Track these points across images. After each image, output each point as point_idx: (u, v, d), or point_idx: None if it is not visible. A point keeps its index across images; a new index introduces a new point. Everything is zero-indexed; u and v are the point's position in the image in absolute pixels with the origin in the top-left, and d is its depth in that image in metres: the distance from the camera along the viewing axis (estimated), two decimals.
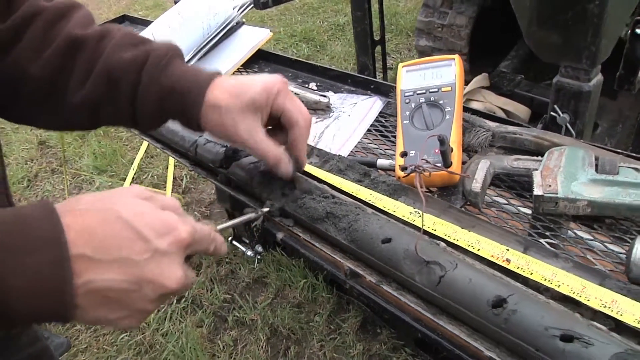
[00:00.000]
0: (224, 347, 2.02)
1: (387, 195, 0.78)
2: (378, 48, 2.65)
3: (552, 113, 1.03)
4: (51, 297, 0.45)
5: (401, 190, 0.79)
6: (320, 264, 2.12)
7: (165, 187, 2.84)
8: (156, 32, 1.28)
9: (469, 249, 0.65)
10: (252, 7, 1.55)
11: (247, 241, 2.33)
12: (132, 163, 3.12)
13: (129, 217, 0.50)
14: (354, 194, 0.79)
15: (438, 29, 2.95)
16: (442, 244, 0.66)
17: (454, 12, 2.88)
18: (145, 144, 3.29)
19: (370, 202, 0.77)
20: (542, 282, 0.60)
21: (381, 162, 0.93)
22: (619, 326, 0.57)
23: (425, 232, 0.68)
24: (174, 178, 2.97)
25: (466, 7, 2.83)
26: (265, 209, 0.79)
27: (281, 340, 2.03)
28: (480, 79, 2.68)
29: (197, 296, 2.25)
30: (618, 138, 2.24)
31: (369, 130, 1.06)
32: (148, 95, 0.69)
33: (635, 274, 0.62)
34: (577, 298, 0.58)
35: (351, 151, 1.01)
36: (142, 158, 3.18)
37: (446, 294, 0.58)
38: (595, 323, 0.54)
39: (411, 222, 0.71)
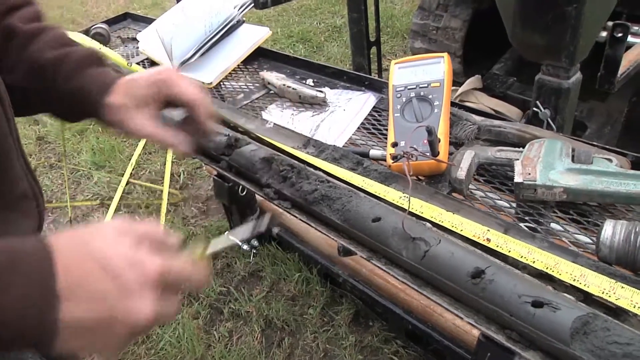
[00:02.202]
0: (219, 337, 2.06)
1: (378, 182, 0.83)
2: (374, 50, 2.70)
3: (534, 109, 1.10)
4: (36, 327, 0.48)
5: (391, 177, 0.85)
6: (314, 257, 2.17)
7: (162, 182, 2.89)
8: (160, 29, 1.33)
9: (453, 229, 0.71)
10: (251, 7, 1.60)
11: None
12: (130, 159, 3.17)
13: (101, 256, 0.52)
14: (347, 180, 0.85)
15: (433, 31, 3.00)
16: (428, 224, 0.71)
17: (449, 15, 2.94)
18: (143, 140, 3.34)
19: (362, 188, 0.82)
20: (520, 259, 0.66)
21: (373, 152, 0.99)
22: (587, 298, 0.62)
23: (413, 214, 0.74)
24: (172, 174, 3.01)
25: (460, 11, 2.89)
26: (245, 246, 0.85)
27: (275, 331, 2.07)
28: (473, 81, 2.75)
29: (193, 289, 2.30)
30: (606, 139, 2.30)
31: (362, 123, 1.11)
32: (60, 95, 0.78)
33: (604, 253, 0.67)
34: (550, 272, 0.63)
35: (345, 142, 1.06)
36: (140, 154, 3.23)
37: (430, 267, 0.64)
38: (564, 294, 0.60)
39: (400, 205, 0.77)
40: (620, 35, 1.08)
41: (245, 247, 2.38)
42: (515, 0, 1.02)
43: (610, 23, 1.14)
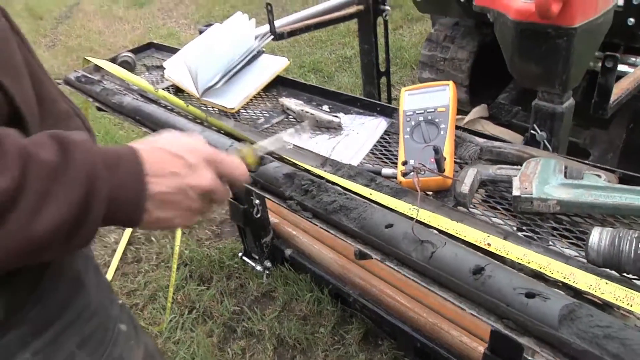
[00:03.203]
0: (233, 355, 2.13)
1: (390, 196, 0.92)
2: (383, 80, 2.82)
3: (531, 131, 1.19)
4: (130, 201, 0.65)
5: (402, 192, 0.94)
6: (325, 278, 2.24)
7: None
8: (187, 57, 1.44)
9: (457, 235, 0.80)
10: (270, 38, 1.72)
11: (257, 257, 2.47)
12: None
13: (168, 147, 0.70)
14: (361, 194, 0.94)
15: (440, 62, 3.11)
16: (435, 231, 0.80)
17: (456, 47, 3.05)
18: None
19: (375, 200, 0.91)
20: (516, 260, 0.74)
21: (385, 170, 1.08)
22: (577, 294, 0.71)
23: (421, 223, 0.83)
24: None
25: (467, 43, 3.01)
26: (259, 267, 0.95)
27: (287, 350, 2.14)
28: (479, 110, 2.84)
29: (207, 308, 2.37)
30: (608, 166, 2.38)
31: (375, 145, 1.21)
32: None
33: (592, 257, 0.76)
34: (543, 272, 0.72)
35: (359, 163, 1.16)
36: None
37: (436, 266, 0.72)
38: (554, 289, 0.68)
39: (410, 215, 0.86)
40: (610, 65, 1.18)
41: (258, 268, 2.46)
42: (513, 33, 1.14)
43: (601, 54, 1.24)
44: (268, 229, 2.36)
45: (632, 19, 1.94)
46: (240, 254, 2.56)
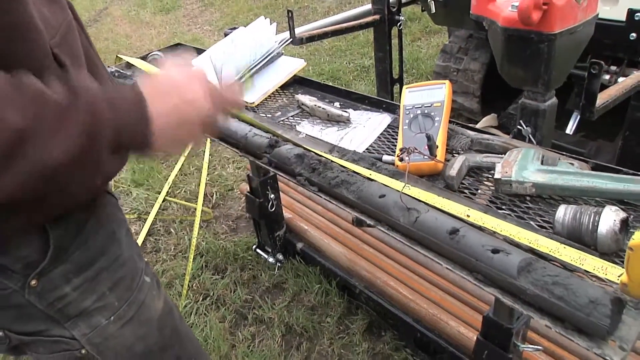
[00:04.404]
0: (243, 339, 2.25)
1: (387, 177, 1.05)
2: (397, 88, 2.94)
3: (518, 127, 1.31)
4: (137, 124, 0.75)
5: (399, 174, 1.06)
6: (334, 271, 2.36)
7: (196, 201, 3.14)
8: (213, 56, 1.59)
9: (442, 208, 0.92)
10: (289, 42, 1.86)
11: (270, 250, 2.60)
12: (167, 179, 3.43)
13: (167, 77, 0.81)
14: (362, 174, 1.06)
15: (454, 72, 3.23)
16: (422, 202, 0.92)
17: (469, 58, 3.17)
18: (180, 162, 3.61)
19: (373, 179, 1.04)
20: (491, 228, 0.86)
21: (386, 157, 1.21)
22: (540, 258, 0.82)
23: (411, 197, 0.95)
24: (205, 194, 3.26)
25: (480, 54, 3.12)
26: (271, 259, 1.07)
27: (295, 336, 2.25)
28: (489, 119, 2.95)
29: (221, 296, 2.49)
30: None
31: (378, 137, 1.33)
32: None
33: (557, 229, 0.87)
34: (512, 238, 0.84)
35: (364, 151, 1.28)
36: (176, 175, 3.50)
37: (420, 229, 0.84)
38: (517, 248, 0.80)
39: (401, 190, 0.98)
40: (595, 71, 1.29)
41: (271, 260, 2.59)
42: (502, 38, 1.26)
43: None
44: (282, 223, 2.49)
45: (634, 34, 2.05)
46: (254, 247, 2.69)
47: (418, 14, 5.49)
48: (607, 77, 2.27)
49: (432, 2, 2.81)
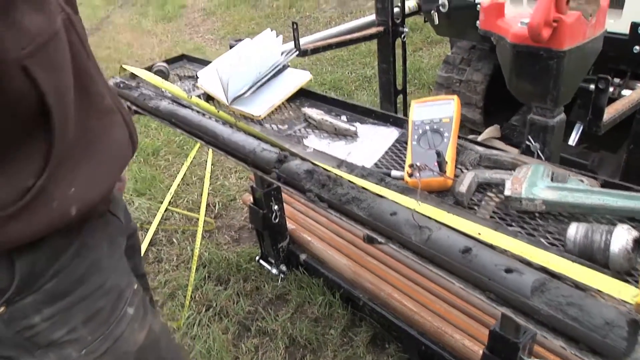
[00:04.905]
0: (246, 351, 2.24)
1: (396, 193, 1.05)
2: (400, 98, 2.95)
3: (527, 142, 1.31)
4: None
5: (408, 190, 1.06)
6: (337, 282, 2.36)
7: (199, 211, 3.13)
8: (220, 68, 1.59)
9: (453, 226, 0.92)
10: (296, 54, 1.87)
11: (273, 261, 2.59)
12: (169, 188, 3.43)
13: None
14: (372, 190, 1.06)
15: (456, 83, 3.23)
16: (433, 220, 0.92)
17: (472, 70, 3.17)
18: (182, 171, 3.61)
19: (383, 195, 1.04)
20: (502, 247, 0.86)
21: (394, 172, 1.21)
22: (553, 277, 0.82)
23: (423, 215, 0.95)
24: (207, 204, 3.26)
25: (482, 65, 3.13)
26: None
27: (298, 349, 2.24)
28: (492, 130, 2.96)
29: (223, 307, 2.49)
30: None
31: (386, 152, 1.34)
32: None
33: (569, 247, 0.87)
34: (524, 257, 0.83)
35: (372, 165, 1.28)
36: (178, 184, 3.50)
37: (432, 247, 0.84)
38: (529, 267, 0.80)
39: (412, 208, 0.98)
40: (602, 86, 1.30)
41: (274, 271, 2.59)
42: (511, 54, 1.27)
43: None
44: (285, 234, 2.49)
45: (637, 47, 2.06)
46: (257, 258, 2.69)
47: (419, 24, 5.51)
48: (610, 89, 2.28)
49: (435, 13, 2.82)
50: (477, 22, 2.64)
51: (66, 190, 0.83)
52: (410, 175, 1.08)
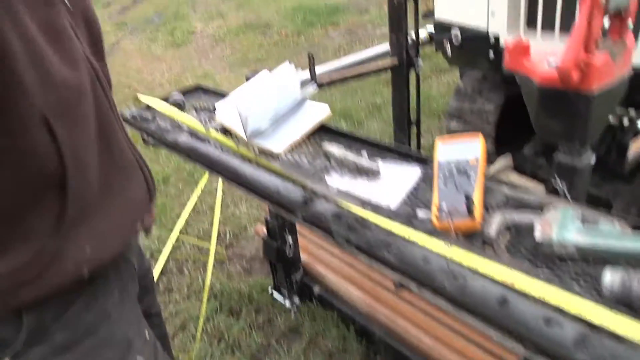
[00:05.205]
0: None
1: (426, 235, 1.04)
2: (413, 128, 2.96)
3: (553, 182, 1.30)
4: None
5: (437, 233, 1.05)
6: (352, 316, 2.34)
7: (210, 241, 3.12)
8: (239, 103, 1.59)
9: (486, 272, 0.91)
10: (314, 87, 1.88)
11: (286, 293, 2.57)
12: (179, 216, 3.42)
13: None
14: (400, 234, 1.06)
15: (468, 113, 3.24)
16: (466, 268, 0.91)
17: (483, 99, 3.18)
18: (193, 200, 3.60)
19: (412, 240, 1.03)
20: (538, 297, 0.85)
21: (420, 214, 1.20)
22: (592, 327, 0.81)
23: (456, 262, 0.94)
24: (218, 234, 3.25)
25: (494, 95, 3.13)
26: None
27: None
28: (504, 160, 2.95)
29: (236, 339, 2.46)
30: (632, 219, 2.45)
31: (410, 191, 1.33)
32: None
33: (605, 295, 0.86)
34: (561, 307, 0.82)
35: (397, 205, 1.27)
36: (189, 213, 3.49)
37: (468, 296, 0.83)
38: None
39: (443, 252, 0.97)
40: (627, 124, 1.29)
41: (287, 303, 2.56)
42: (537, 95, 1.27)
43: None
44: (298, 265, 2.47)
45: None
46: (269, 289, 2.67)
47: (428, 53, 5.52)
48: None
49: (448, 44, 2.84)
50: (489, 52, 2.68)
51: (81, 250, 0.82)
52: (438, 218, 1.07)
